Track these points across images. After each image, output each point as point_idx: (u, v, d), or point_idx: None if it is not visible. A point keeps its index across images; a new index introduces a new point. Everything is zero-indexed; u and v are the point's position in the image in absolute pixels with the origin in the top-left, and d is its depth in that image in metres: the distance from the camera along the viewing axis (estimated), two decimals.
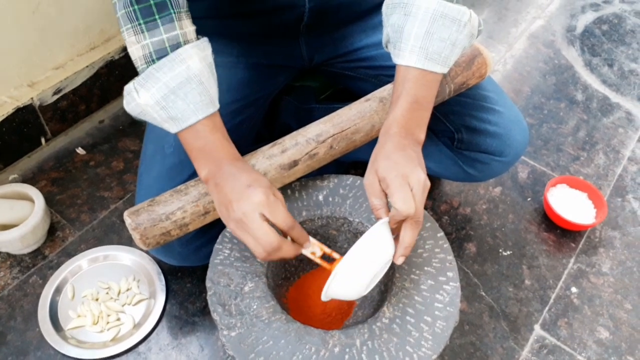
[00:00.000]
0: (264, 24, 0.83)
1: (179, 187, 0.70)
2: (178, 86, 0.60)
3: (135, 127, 1.08)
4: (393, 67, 0.82)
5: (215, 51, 0.66)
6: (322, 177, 0.79)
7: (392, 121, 0.66)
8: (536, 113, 1.20)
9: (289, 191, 0.77)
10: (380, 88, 0.79)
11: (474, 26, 0.67)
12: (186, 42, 0.61)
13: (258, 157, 0.71)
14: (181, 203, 0.68)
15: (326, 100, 1.10)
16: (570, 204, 0.99)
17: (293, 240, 0.63)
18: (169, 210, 0.68)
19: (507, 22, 1.44)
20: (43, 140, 1.01)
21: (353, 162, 1.02)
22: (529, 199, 1.04)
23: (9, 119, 0.93)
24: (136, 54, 0.62)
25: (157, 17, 0.61)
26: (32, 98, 0.95)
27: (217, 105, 0.63)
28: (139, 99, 0.61)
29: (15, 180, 0.97)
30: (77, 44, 1.01)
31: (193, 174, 0.75)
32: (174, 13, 0.61)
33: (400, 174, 0.59)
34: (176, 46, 0.61)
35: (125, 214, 0.68)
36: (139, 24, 0.61)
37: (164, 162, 0.77)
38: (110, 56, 1.04)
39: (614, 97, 1.26)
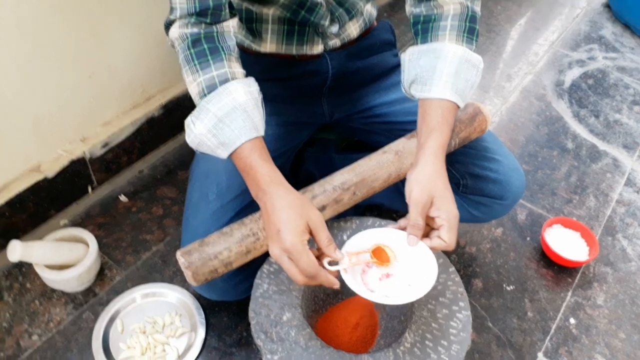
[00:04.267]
0: (293, 87, 0.96)
1: (224, 229, 0.80)
2: (225, 115, 0.68)
3: (171, 176, 1.20)
4: (403, 123, 0.95)
5: None
6: (345, 219, 0.90)
7: (438, 147, 0.75)
8: (531, 160, 1.33)
9: None
10: (395, 142, 0.91)
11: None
12: (234, 78, 0.70)
13: None
14: (227, 244, 0.78)
15: (344, 150, 1.22)
16: (565, 243, 1.09)
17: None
18: (217, 250, 0.78)
19: (501, 77, 1.58)
20: (90, 188, 1.13)
21: (369, 205, 1.13)
22: (528, 239, 1.14)
23: (64, 170, 1.05)
24: (193, 91, 0.72)
25: (209, 58, 0.71)
26: (83, 151, 1.07)
27: (261, 132, 0.70)
28: (195, 129, 0.70)
29: (65, 225, 1.08)
30: (123, 103, 1.13)
31: (234, 217, 0.85)
32: (225, 55, 0.71)
33: (454, 215, 0.70)
34: (225, 81, 0.70)
35: (178, 254, 0.78)
36: (194, 65, 0.71)
37: (208, 207, 0.88)
38: (151, 113, 1.17)
39: (601, 145, 1.39)
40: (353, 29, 0.94)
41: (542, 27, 1.81)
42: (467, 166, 0.95)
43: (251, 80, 0.73)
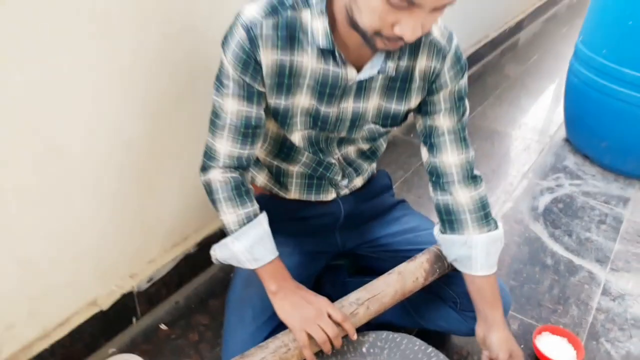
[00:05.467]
0: (312, 224, 1.18)
1: (261, 344, 0.96)
2: (259, 238, 0.96)
3: (204, 305, 1.36)
4: (403, 250, 1.16)
5: (278, 243, 1.00)
6: (362, 333, 1.05)
7: (502, 315, 1.05)
8: (517, 277, 1.51)
9: None
10: (398, 266, 1.10)
11: None
12: (258, 212, 0.99)
13: None
14: (264, 354, 0.93)
15: (355, 274, 1.40)
16: (554, 348, 1.24)
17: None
18: None
19: None
20: (134, 319, 1.29)
21: (381, 323, 1.28)
22: (522, 346, 1.28)
23: (116, 303, 1.22)
24: (231, 219, 0.97)
25: (245, 197, 0.98)
26: (132, 286, 1.25)
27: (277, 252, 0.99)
28: (233, 247, 0.95)
29: (113, 353, 1.22)
30: (166, 243, 1.34)
31: (268, 336, 1.01)
32: (252, 195, 0.99)
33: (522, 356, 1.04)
34: (256, 215, 0.98)
35: None
36: (236, 202, 0.97)
37: (245, 330, 1.03)
38: (188, 250, 1.37)
39: (576, 260, 1.58)
40: (358, 181, 1.18)
41: (514, 160, 2.11)
42: (461, 287, 1.12)
43: (265, 213, 1.01)
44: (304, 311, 0.95)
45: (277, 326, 1.03)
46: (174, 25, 1.08)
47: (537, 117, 2.48)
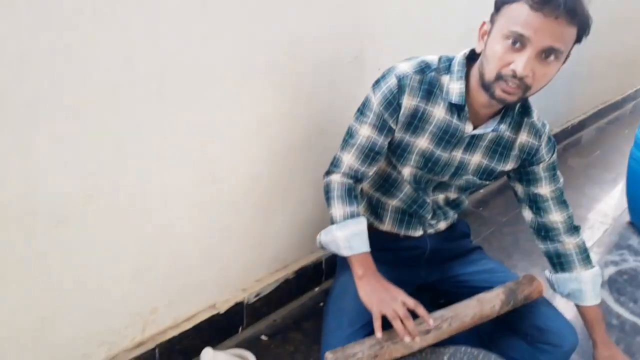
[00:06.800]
0: (400, 255, 1.38)
1: (359, 340, 1.14)
2: (358, 232, 1.17)
3: (297, 325, 1.56)
4: (480, 287, 1.32)
5: None
6: (444, 345, 1.21)
7: (609, 336, 1.29)
8: (585, 331, 1.61)
9: (423, 353, 1.19)
10: (475, 295, 1.28)
11: None
12: (361, 215, 1.20)
13: None
14: (361, 348, 1.11)
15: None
16: None
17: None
18: (354, 351, 1.10)
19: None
20: (240, 328, 1.50)
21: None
22: None
23: (229, 310, 1.44)
24: (338, 213, 1.19)
25: (355, 200, 1.21)
26: (243, 298, 1.48)
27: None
28: (336, 234, 1.16)
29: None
30: (270, 267, 1.57)
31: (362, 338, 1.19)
32: (360, 201, 1.23)
33: None
34: (358, 215, 1.19)
35: (327, 354, 1.11)
36: (347, 201, 1.20)
37: (343, 332, 1.22)
38: (287, 276, 1.59)
39: None
40: (443, 224, 1.39)
41: None
42: (532, 321, 1.27)
43: (365, 218, 1.24)
44: (381, 295, 1.12)
45: (369, 333, 1.21)
46: (301, 92, 1.40)
47: (600, 203, 2.62)
